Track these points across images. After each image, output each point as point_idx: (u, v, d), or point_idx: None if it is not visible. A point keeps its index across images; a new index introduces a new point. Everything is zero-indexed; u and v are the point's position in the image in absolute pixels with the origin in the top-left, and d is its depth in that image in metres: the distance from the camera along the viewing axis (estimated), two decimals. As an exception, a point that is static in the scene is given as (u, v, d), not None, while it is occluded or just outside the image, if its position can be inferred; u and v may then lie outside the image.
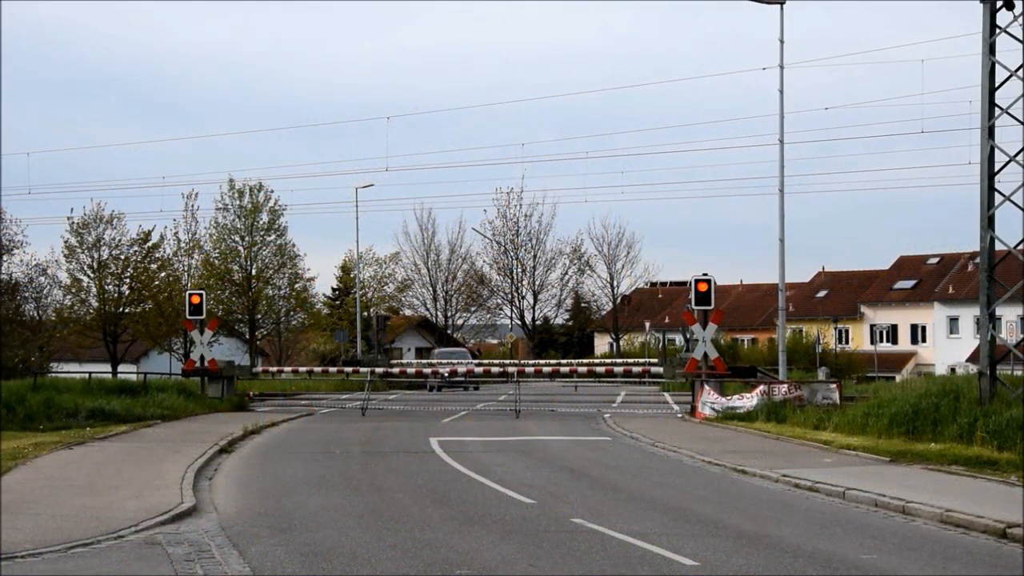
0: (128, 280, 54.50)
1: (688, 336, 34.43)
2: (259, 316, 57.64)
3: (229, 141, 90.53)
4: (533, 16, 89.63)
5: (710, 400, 30.08)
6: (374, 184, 57.02)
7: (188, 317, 36.58)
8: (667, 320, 77.08)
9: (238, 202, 63.24)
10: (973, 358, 48.88)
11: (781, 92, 31.28)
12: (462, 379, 38.21)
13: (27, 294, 52.30)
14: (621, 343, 76.99)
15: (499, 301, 77.11)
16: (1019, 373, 25.71)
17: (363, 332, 60.23)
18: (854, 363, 63.11)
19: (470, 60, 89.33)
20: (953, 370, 53.90)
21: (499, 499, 15.78)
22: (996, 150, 22.68)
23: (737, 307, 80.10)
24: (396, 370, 37.37)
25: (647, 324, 71.88)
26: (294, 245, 59.67)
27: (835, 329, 72.78)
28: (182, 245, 61.85)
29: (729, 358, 42.13)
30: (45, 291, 53.93)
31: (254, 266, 58.04)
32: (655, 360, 45.53)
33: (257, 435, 26.01)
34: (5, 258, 52.87)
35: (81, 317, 53.75)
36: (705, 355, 31.04)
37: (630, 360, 50.16)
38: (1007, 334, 56.21)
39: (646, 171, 70.85)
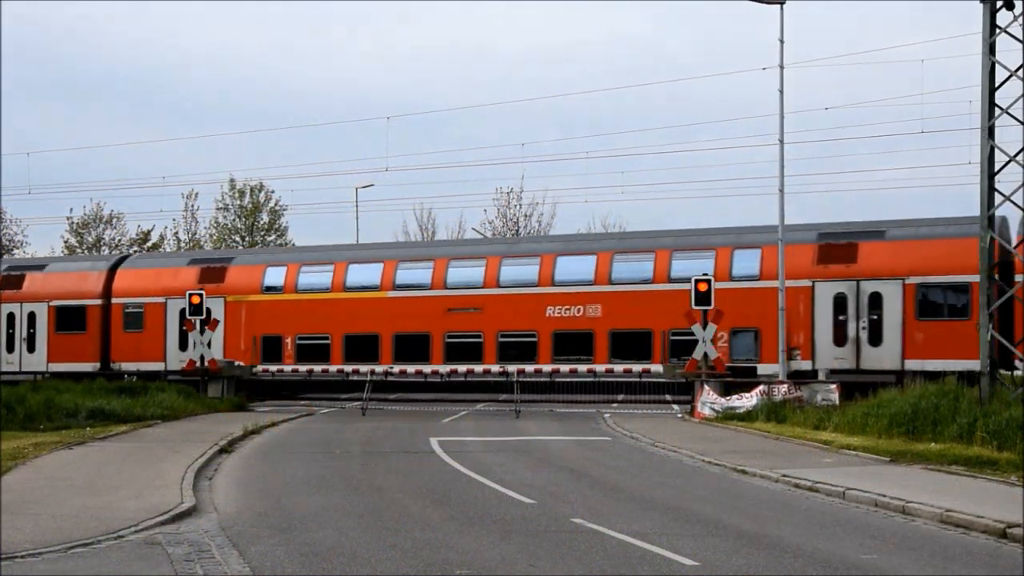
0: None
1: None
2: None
3: (229, 141, 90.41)
4: (534, 16, 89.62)
5: (710, 400, 30.06)
6: (374, 184, 56.99)
7: (188, 317, 36.55)
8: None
9: (238, 202, 63.40)
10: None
11: (781, 92, 31.27)
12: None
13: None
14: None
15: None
16: (1019, 373, 25.69)
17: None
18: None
19: (470, 60, 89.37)
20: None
21: (499, 499, 15.78)
22: (996, 150, 22.69)
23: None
24: (396, 369, 37.30)
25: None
26: (294, 245, 59.77)
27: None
28: (182, 245, 61.99)
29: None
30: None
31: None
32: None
33: (257, 435, 26.01)
34: (5, 258, 52.91)
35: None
36: (705, 355, 31.04)
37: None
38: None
39: (646, 171, 70.59)
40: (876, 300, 31.57)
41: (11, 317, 41.44)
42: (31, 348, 41.00)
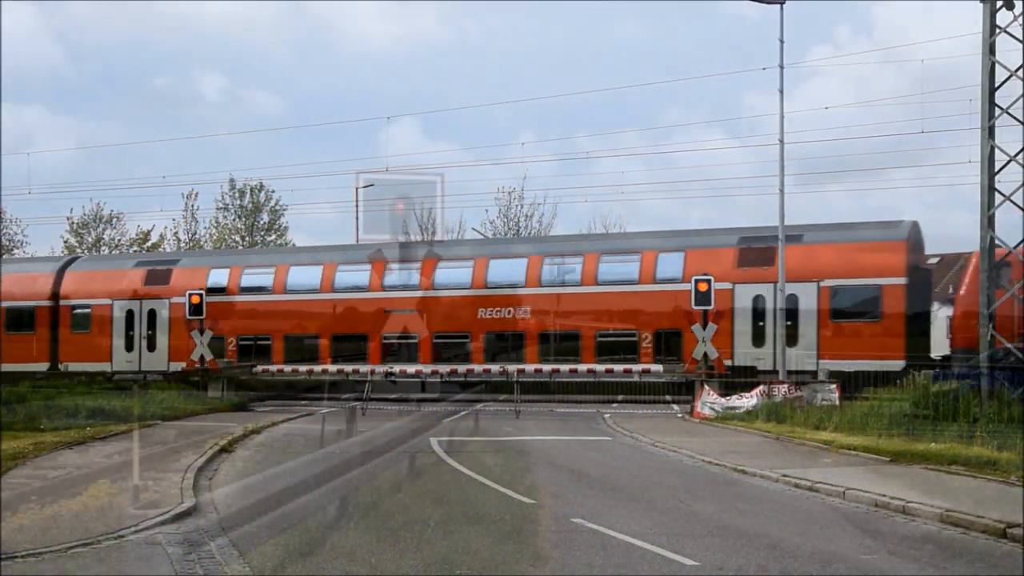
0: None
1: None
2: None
3: (229, 141, 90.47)
4: (534, 16, 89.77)
5: (710, 400, 30.05)
6: (374, 184, 56.91)
7: (188, 317, 36.54)
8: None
9: (239, 202, 63.40)
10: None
11: (781, 92, 31.29)
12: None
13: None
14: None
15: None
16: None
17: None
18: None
19: (471, 60, 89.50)
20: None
21: (499, 499, 15.79)
22: (996, 150, 22.69)
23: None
24: (396, 369, 37.29)
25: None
26: (294, 245, 59.75)
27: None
28: (182, 245, 62.00)
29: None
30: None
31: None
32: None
33: (257, 435, 25.99)
34: (5, 258, 52.94)
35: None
36: (705, 355, 31.02)
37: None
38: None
39: (646, 171, 70.73)
40: None
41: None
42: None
